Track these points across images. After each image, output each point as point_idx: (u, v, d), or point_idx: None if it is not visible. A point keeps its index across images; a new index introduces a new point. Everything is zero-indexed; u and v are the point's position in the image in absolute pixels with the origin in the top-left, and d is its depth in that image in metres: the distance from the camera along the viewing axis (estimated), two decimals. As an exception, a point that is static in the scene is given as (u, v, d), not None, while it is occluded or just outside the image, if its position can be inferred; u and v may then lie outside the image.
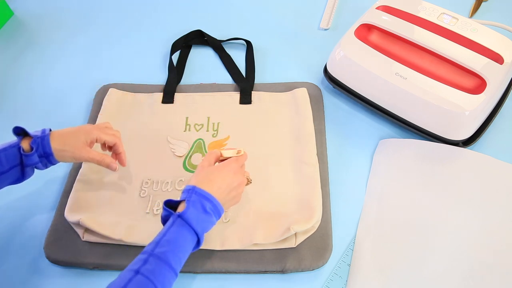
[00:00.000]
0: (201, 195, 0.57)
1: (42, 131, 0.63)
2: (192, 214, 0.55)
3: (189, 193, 0.57)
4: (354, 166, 0.76)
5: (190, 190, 0.58)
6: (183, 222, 0.55)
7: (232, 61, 0.93)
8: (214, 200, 0.58)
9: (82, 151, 0.63)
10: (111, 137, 0.67)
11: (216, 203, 0.58)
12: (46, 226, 0.72)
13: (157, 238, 0.55)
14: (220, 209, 0.59)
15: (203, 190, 0.58)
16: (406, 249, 0.66)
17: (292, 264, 0.65)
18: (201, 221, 0.56)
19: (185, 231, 0.55)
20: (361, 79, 0.79)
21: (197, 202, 0.57)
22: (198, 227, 0.56)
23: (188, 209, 0.56)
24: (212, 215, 0.58)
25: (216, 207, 0.58)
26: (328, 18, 1.00)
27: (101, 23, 1.05)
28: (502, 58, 0.72)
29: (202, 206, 0.57)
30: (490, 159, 0.73)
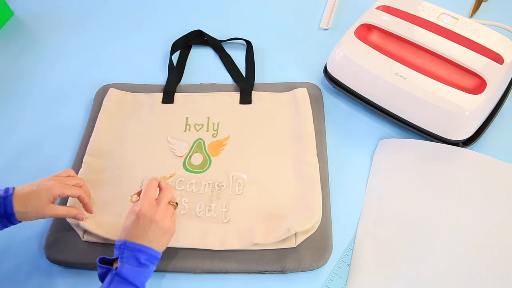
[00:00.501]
0: (133, 249, 0.57)
1: (5, 190, 0.60)
2: (128, 270, 0.55)
3: (121, 250, 0.57)
4: (354, 166, 0.76)
5: (121, 245, 0.57)
6: (121, 279, 0.55)
7: (232, 61, 0.93)
8: (149, 250, 0.57)
9: (45, 210, 0.61)
10: (74, 190, 0.64)
11: (150, 252, 0.58)
12: (46, 226, 0.72)
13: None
14: (157, 254, 0.59)
15: (134, 243, 0.57)
16: (406, 249, 0.66)
17: (292, 264, 0.65)
18: (138, 274, 0.56)
19: (126, 286, 0.55)
20: (361, 79, 0.79)
21: (130, 258, 0.56)
22: (137, 281, 0.56)
23: (123, 266, 0.55)
24: (149, 265, 0.57)
25: (151, 255, 0.58)
26: (328, 18, 1.00)
27: (101, 23, 1.05)
28: (502, 58, 0.72)
29: (136, 260, 0.56)
30: (490, 159, 0.73)
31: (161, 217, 0.60)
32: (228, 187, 0.73)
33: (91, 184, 0.73)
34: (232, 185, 0.73)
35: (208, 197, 0.72)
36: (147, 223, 0.58)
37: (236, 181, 0.73)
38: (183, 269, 0.66)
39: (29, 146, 0.83)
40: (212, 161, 0.76)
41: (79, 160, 0.77)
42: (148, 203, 0.60)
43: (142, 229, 0.58)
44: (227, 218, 0.69)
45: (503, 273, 0.62)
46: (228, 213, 0.70)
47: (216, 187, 0.73)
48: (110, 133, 0.80)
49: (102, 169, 0.76)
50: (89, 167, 0.75)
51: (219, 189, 0.73)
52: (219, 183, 0.73)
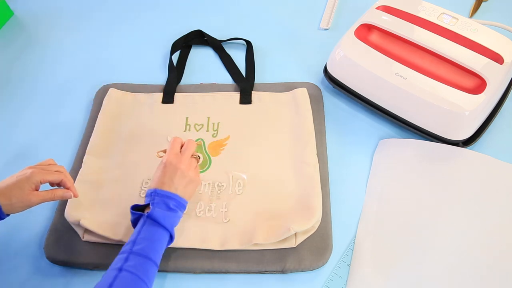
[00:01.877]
0: (163, 195, 0.62)
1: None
2: (159, 213, 0.60)
3: (151, 196, 0.62)
4: (354, 166, 0.76)
5: (152, 193, 0.62)
6: (152, 221, 0.60)
7: (232, 61, 0.93)
8: (176, 197, 0.63)
9: (30, 198, 0.61)
10: (55, 175, 0.64)
11: (178, 199, 0.63)
12: (46, 226, 0.72)
13: (132, 237, 0.59)
14: (184, 202, 0.64)
15: (163, 190, 0.62)
16: (406, 249, 0.66)
17: (292, 264, 0.65)
18: (168, 218, 0.61)
19: (157, 228, 0.60)
20: (361, 79, 0.79)
21: (160, 203, 0.61)
22: (167, 224, 0.60)
23: (154, 210, 0.60)
24: (177, 210, 0.62)
25: (179, 202, 0.63)
26: (328, 18, 1.00)
27: (101, 23, 1.05)
28: (502, 58, 0.72)
29: (166, 205, 0.61)
30: (490, 159, 0.73)
31: (185, 167, 0.65)
32: (228, 187, 0.73)
33: (91, 184, 0.73)
34: (232, 185, 0.73)
35: (208, 197, 0.72)
36: (173, 171, 0.64)
37: (236, 181, 0.73)
38: (183, 269, 0.66)
39: (29, 146, 0.83)
40: (212, 161, 0.76)
41: (79, 160, 0.77)
42: (174, 154, 0.66)
43: (169, 176, 0.64)
44: (227, 218, 0.69)
45: (503, 273, 0.62)
46: (228, 213, 0.70)
47: (216, 187, 0.73)
48: (110, 133, 0.80)
49: (102, 169, 0.76)
50: (89, 167, 0.75)
51: (219, 189, 0.73)
52: (219, 183, 0.73)
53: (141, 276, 0.55)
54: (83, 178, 0.74)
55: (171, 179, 0.63)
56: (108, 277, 0.54)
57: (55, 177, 0.64)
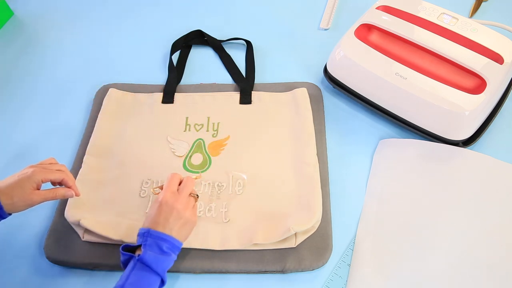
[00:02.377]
0: (156, 237, 0.58)
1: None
2: (151, 257, 0.57)
3: (144, 237, 0.58)
4: (354, 166, 0.76)
5: (145, 234, 0.59)
6: (143, 265, 0.56)
7: (232, 61, 0.93)
8: (170, 238, 0.59)
9: (32, 197, 0.61)
10: (56, 174, 0.64)
11: (172, 241, 0.59)
12: (46, 226, 0.72)
13: (121, 282, 0.55)
14: (178, 244, 0.60)
15: (156, 231, 0.59)
16: (406, 249, 0.66)
17: (292, 264, 0.65)
18: (160, 262, 0.57)
19: (147, 274, 0.56)
20: (361, 79, 0.79)
21: (153, 245, 0.58)
22: (158, 268, 0.57)
23: (146, 253, 0.57)
24: (170, 253, 0.59)
25: (173, 244, 0.59)
26: (328, 18, 1.00)
27: (101, 23, 1.05)
28: (502, 58, 0.72)
29: (159, 247, 0.58)
30: (490, 159, 0.73)
31: (182, 207, 0.61)
32: (228, 187, 0.73)
33: (91, 184, 0.73)
34: (232, 185, 0.73)
35: (208, 197, 0.72)
36: (169, 211, 0.60)
37: (236, 181, 0.73)
38: (183, 269, 0.66)
39: (29, 146, 0.83)
40: (212, 161, 0.76)
41: (79, 160, 0.77)
42: (171, 192, 0.62)
43: (164, 217, 0.60)
44: (227, 218, 0.69)
45: (503, 273, 0.62)
46: (228, 213, 0.70)
47: (216, 187, 0.73)
48: (110, 133, 0.80)
49: (102, 169, 0.76)
50: (89, 167, 0.75)
51: (219, 189, 0.73)
52: (219, 183, 0.73)
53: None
54: (83, 178, 0.74)
55: (166, 219, 0.60)
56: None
57: (56, 176, 0.64)
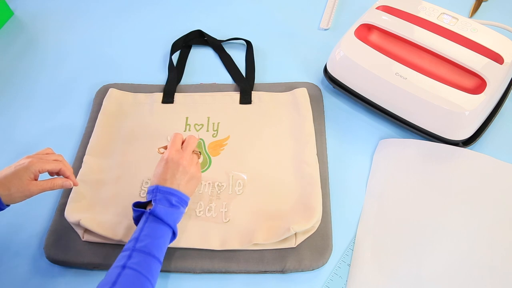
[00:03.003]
0: (165, 192, 0.62)
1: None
2: (161, 210, 0.60)
3: (153, 193, 0.62)
4: (354, 166, 0.76)
5: (154, 190, 0.62)
6: (155, 218, 0.59)
7: (232, 61, 0.93)
8: (178, 193, 0.62)
9: (30, 188, 0.61)
10: (53, 164, 0.64)
11: (180, 195, 0.62)
12: (46, 226, 0.72)
13: (135, 235, 0.58)
14: (186, 198, 0.64)
15: (165, 187, 0.62)
16: (406, 249, 0.66)
17: (292, 264, 0.65)
18: (170, 214, 0.60)
19: (160, 225, 0.59)
20: (361, 79, 0.79)
21: (163, 199, 0.61)
22: (169, 220, 0.60)
23: (157, 206, 0.60)
24: (179, 206, 0.62)
25: (181, 198, 0.63)
26: (328, 18, 1.00)
27: (101, 23, 1.06)
28: (502, 58, 0.72)
29: (168, 201, 0.61)
30: (490, 159, 0.73)
31: (187, 163, 0.65)
32: (228, 187, 0.73)
33: (91, 184, 0.73)
34: (232, 185, 0.73)
35: (208, 197, 0.72)
36: (175, 167, 0.64)
37: (236, 181, 0.73)
38: (183, 269, 0.66)
39: (29, 146, 0.83)
40: (212, 161, 0.76)
41: (79, 160, 0.77)
42: (175, 150, 0.66)
43: (171, 173, 0.63)
44: (227, 218, 0.69)
45: (503, 273, 0.62)
46: (228, 213, 0.70)
47: (216, 187, 0.73)
48: (110, 133, 0.80)
49: (102, 169, 0.76)
50: (89, 167, 0.75)
51: (219, 189, 0.73)
52: (219, 183, 0.73)
53: (144, 274, 0.54)
54: (83, 178, 0.74)
55: (173, 175, 0.63)
56: (112, 274, 0.54)
57: (53, 166, 0.64)
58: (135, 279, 0.54)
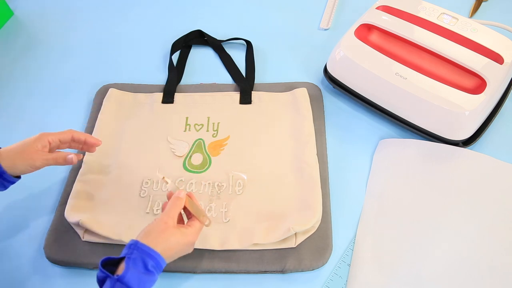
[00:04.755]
0: (144, 252, 0.52)
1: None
2: (133, 275, 0.50)
3: (130, 249, 0.52)
4: (354, 166, 0.76)
5: (132, 246, 0.53)
6: (123, 287, 0.50)
7: (232, 61, 0.93)
8: (158, 257, 0.53)
9: (33, 156, 0.60)
10: (64, 133, 0.63)
11: (159, 260, 0.53)
12: (46, 226, 0.72)
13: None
14: (163, 263, 0.54)
15: (146, 247, 0.52)
16: (406, 249, 0.66)
17: (292, 264, 0.65)
18: (142, 282, 0.51)
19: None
20: (361, 79, 0.79)
21: (138, 260, 0.52)
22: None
23: (128, 271, 0.50)
24: (154, 273, 0.53)
25: (159, 263, 0.53)
26: (328, 18, 1.00)
27: (101, 23, 1.05)
28: (502, 58, 0.72)
29: (143, 264, 0.52)
30: (490, 159, 0.73)
31: (191, 248, 0.59)
32: (228, 187, 0.73)
33: (91, 184, 0.73)
34: (232, 185, 0.73)
35: (208, 197, 0.72)
36: (181, 244, 0.56)
37: (236, 181, 0.73)
38: (183, 269, 0.66)
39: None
40: (212, 161, 0.76)
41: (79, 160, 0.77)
42: (197, 234, 0.59)
43: (171, 243, 0.55)
44: (227, 218, 0.69)
45: (504, 273, 0.62)
46: (228, 213, 0.70)
47: (216, 187, 0.73)
48: (110, 133, 0.80)
49: (102, 169, 0.76)
50: (89, 167, 0.75)
51: (219, 189, 0.73)
52: (219, 183, 0.73)
53: None
54: (83, 178, 0.74)
55: (175, 247, 0.55)
56: None
57: (64, 134, 0.63)
58: None
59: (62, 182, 0.77)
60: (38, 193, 0.76)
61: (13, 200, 0.75)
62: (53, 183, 0.77)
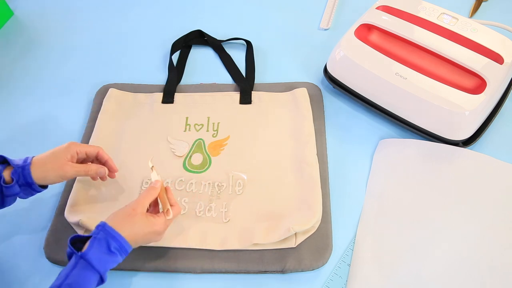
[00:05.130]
0: (109, 234, 0.55)
1: (24, 160, 0.62)
2: (95, 254, 0.54)
3: (97, 230, 0.56)
4: (354, 166, 0.76)
5: (99, 227, 0.56)
6: (85, 263, 0.53)
7: (232, 61, 0.93)
8: (122, 240, 0.56)
9: (65, 168, 0.63)
10: (91, 147, 0.67)
11: (123, 243, 0.56)
12: (46, 226, 0.72)
13: (58, 282, 0.52)
14: (128, 247, 0.57)
15: (112, 229, 0.56)
16: (406, 249, 0.66)
17: (292, 264, 0.65)
18: (103, 261, 0.54)
19: (88, 273, 0.53)
20: (361, 79, 0.79)
21: (102, 240, 0.55)
22: (100, 268, 0.54)
23: (91, 249, 0.54)
24: (117, 254, 0.56)
25: (122, 246, 0.56)
26: (328, 18, 1.00)
27: (101, 22, 1.05)
28: (502, 58, 0.72)
29: (107, 244, 0.55)
30: (490, 159, 0.73)
31: (159, 237, 0.61)
32: (228, 187, 0.73)
33: (91, 184, 0.73)
34: (232, 185, 0.73)
35: (208, 197, 0.72)
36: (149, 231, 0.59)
37: (236, 181, 0.73)
38: (183, 269, 0.66)
39: (29, 146, 0.83)
40: (212, 161, 0.76)
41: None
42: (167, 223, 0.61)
43: (138, 228, 0.58)
44: (227, 218, 0.69)
45: (504, 273, 0.62)
46: (228, 213, 0.70)
47: (216, 187, 0.73)
48: (110, 133, 0.80)
49: (102, 169, 0.76)
50: (89, 167, 0.75)
51: (219, 189, 0.73)
52: (219, 183, 0.73)
53: None
54: (83, 178, 0.73)
55: (143, 234, 0.58)
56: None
57: (91, 148, 0.66)
58: None
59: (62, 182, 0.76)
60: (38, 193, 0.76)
61: (13, 200, 0.75)
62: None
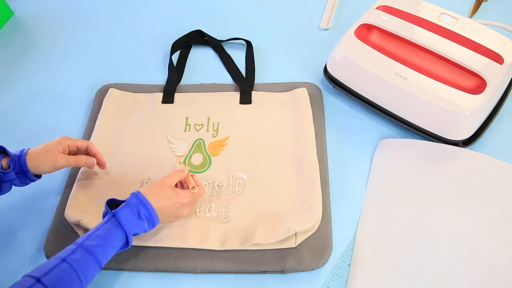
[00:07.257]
0: (141, 201, 0.60)
1: (21, 150, 0.67)
2: (125, 215, 0.59)
3: (131, 196, 0.61)
4: (354, 166, 0.76)
5: (133, 194, 0.62)
6: (116, 221, 0.58)
7: (232, 61, 0.93)
8: (151, 210, 0.61)
9: (57, 158, 0.67)
10: (82, 141, 0.71)
11: (152, 213, 0.61)
12: (46, 226, 0.72)
13: (90, 231, 0.58)
14: (156, 219, 0.62)
15: (144, 198, 0.61)
16: (406, 249, 0.66)
17: (292, 264, 0.65)
18: (132, 224, 0.59)
19: (116, 230, 0.58)
20: (361, 79, 0.79)
21: (134, 206, 0.60)
22: (127, 228, 0.59)
23: (123, 210, 0.59)
24: (145, 221, 0.60)
25: (151, 215, 0.61)
26: (328, 18, 1.00)
27: (101, 23, 1.06)
28: (502, 58, 0.72)
29: (138, 210, 0.60)
30: (490, 159, 0.73)
31: (184, 212, 0.66)
32: (228, 187, 0.73)
33: (91, 184, 0.73)
34: (232, 185, 0.73)
35: (208, 197, 0.72)
36: (175, 202, 0.64)
37: (236, 181, 0.73)
38: (183, 269, 0.66)
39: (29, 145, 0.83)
40: (212, 161, 0.76)
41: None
42: (192, 198, 0.66)
43: (167, 199, 0.63)
44: (227, 218, 0.69)
45: (503, 273, 0.62)
46: (228, 213, 0.70)
47: (216, 187, 0.73)
48: (110, 133, 0.80)
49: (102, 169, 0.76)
50: (89, 167, 0.75)
51: (219, 189, 0.73)
52: (219, 183, 0.73)
53: (78, 273, 0.54)
54: (83, 178, 0.74)
55: (169, 205, 0.63)
56: (51, 263, 0.53)
57: (83, 142, 0.71)
58: (67, 275, 0.53)
59: (62, 182, 0.77)
60: (38, 193, 0.76)
61: (13, 200, 0.75)
62: (53, 183, 0.77)
